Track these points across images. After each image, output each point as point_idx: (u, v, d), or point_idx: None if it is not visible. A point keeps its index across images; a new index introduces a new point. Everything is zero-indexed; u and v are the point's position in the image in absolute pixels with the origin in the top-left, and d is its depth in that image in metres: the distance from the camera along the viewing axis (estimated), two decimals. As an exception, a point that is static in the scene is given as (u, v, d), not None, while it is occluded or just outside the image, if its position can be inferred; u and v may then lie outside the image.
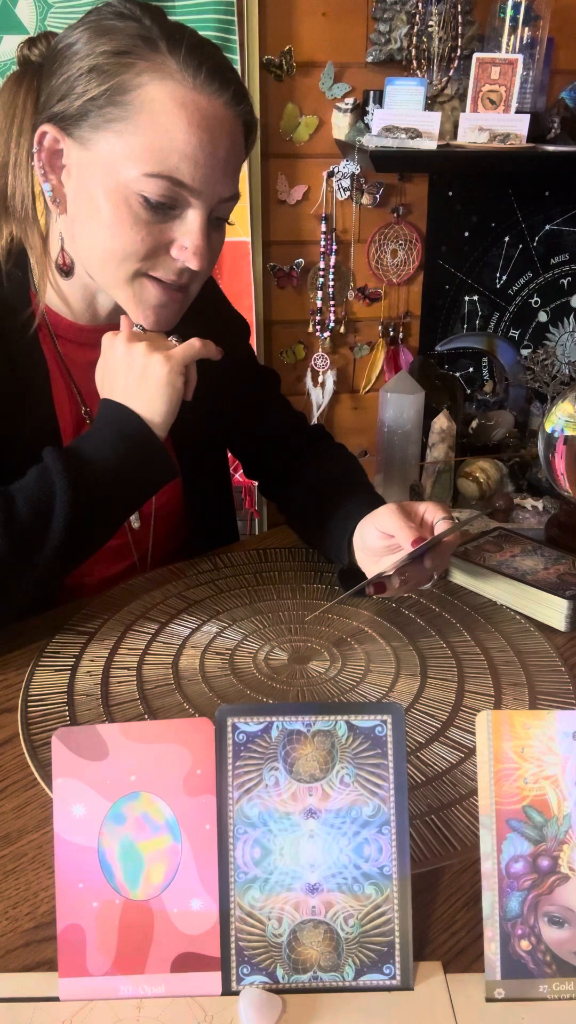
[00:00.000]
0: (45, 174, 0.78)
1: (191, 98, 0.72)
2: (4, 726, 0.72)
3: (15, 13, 1.49)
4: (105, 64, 0.72)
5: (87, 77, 0.72)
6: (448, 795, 0.65)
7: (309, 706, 0.51)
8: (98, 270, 0.81)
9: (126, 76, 0.71)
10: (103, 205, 0.75)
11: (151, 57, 0.72)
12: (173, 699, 0.75)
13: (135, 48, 0.72)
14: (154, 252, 0.77)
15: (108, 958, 0.49)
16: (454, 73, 1.64)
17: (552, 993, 0.49)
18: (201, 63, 0.72)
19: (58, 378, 0.88)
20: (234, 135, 0.76)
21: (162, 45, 0.72)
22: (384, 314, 1.88)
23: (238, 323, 1.10)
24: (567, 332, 1.94)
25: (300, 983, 0.50)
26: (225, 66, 0.75)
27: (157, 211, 0.75)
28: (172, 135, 0.72)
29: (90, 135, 0.74)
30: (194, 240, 0.76)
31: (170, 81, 0.72)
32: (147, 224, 0.75)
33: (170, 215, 0.76)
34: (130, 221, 0.75)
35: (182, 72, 0.72)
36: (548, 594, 0.87)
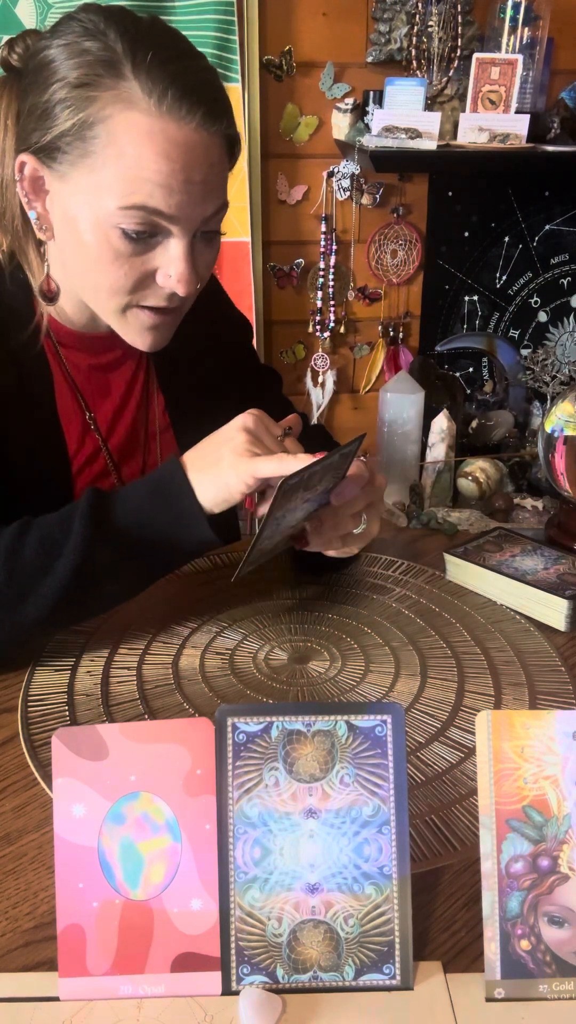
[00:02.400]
0: (29, 201, 0.76)
1: (158, 126, 0.69)
2: (4, 726, 0.72)
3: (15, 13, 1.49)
4: (70, 98, 0.69)
5: (57, 109, 0.70)
6: (448, 795, 0.65)
7: (309, 706, 0.51)
8: (90, 300, 0.80)
9: (91, 110, 0.69)
10: (87, 239, 0.73)
11: (114, 85, 0.68)
12: (173, 699, 0.75)
13: (97, 78, 0.68)
14: (141, 283, 0.76)
15: (108, 958, 0.49)
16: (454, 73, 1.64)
17: (552, 993, 0.49)
18: (167, 86, 0.68)
19: (62, 383, 0.88)
20: (210, 156, 0.72)
21: (126, 67, 0.68)
22: (384, 314, 1.88)
23: (240, 323, 1.09)
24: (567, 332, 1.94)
25: (300, 983, 0.50)
26: (198, 84, 0.71)
27: (138, 242, 0.73)
28: (141, 165, 0.69)
29: (66, 169, 0.72)
30: (178, 268, 0.74)
31: (134, 111, 0.68)
32: (129, 257, 0.73)
33: (152, 243, 0.74)
34: (111, 256, 0.73)
35: (147, 99, 0.68)
36: (548, 594, 0.87)
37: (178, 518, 0.73)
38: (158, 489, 0.75)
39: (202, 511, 0.73)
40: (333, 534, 0.78)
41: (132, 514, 0.74)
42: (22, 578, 0.72)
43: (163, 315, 0.79)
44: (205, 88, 0.71)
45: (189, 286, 0.75)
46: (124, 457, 0.94)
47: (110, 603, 0.80)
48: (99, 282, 0.76)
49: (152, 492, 0.75)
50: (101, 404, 0.91)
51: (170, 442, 0.98)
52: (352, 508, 0.77)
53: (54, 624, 0.79)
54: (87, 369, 0.89)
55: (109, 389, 0.92)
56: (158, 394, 0.96)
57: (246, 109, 1.61)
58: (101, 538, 0.72)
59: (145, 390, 0.95)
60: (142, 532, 0.74)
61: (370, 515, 0.80)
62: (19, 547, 0.72)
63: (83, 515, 0.72)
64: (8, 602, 0.72)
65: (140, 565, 0.77)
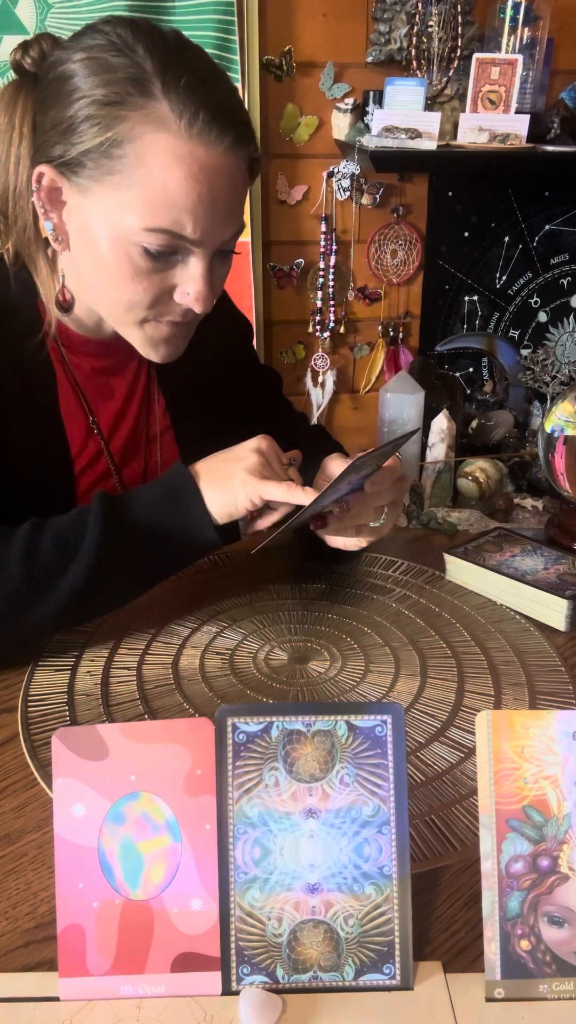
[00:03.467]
0: (46, 211, 0.75)
1: (187, 149, 0.68)
2: (4, 726, 0.72)
3: (15, 13, 1.49)
4: (98, 115, 0.68)
5: (83, 126, 0.69)
6: (448, 795, 0.65)
7: (309, 706, 0.51)
8: (105, 312, 0.80)
9: (120, 128, 0.68)
10: (106, 254, 0.73)
11: (144, 105, 0.68)
12: (173, 699, 0.75)
13: (127, 97, 0.68)
14: (158, 299, 0.76)
15: (108, 958, 0.49)
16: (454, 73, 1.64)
17: (552, 993, 0.49)
18: (199, 108, 0.68)
19: (66, 387, 0.88)
20: (235, 179, 0.73)
21: (156, 87, 0.67)
22: (384, 314, 1.88)
23: (240, 323, 1.09)
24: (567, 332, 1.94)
25: (300, 983, 0.50)
26: (227, 107, 0.70)
27: (158, 259, 0.73)
28: (169, 189, 0.69)
29: (89, 184, 0.71)
30: (196, 286, 0.75)
31: (165, 132, 0.68)
32: (148, 274, 0.74)
33: (171, 261, 0.74)
34: (131, 272, 0.73)
35: (177, 120, 0.68)
36: (548, 594, 0.87)
37: (188, 522, 0.76)
38: (170, 494, 0.77)
39: (211, 518, 0.76)
40: (353, 522, 0.80)
41: (145, 517, 0.76)
42: (39, 579, 0.73)
43: (178, 327, 0.80)
44: (234, 111, 0.71)
45: (206, 304, 0.76)
46: (125, 459, 0.94)
47: (117, 603, 0.82)
48: (116, 297, 0.76)
49: (164, 496, 0.77)
50: (103, 406, 0.91)
51: (170, 443, 0.98)
52: (380, 500, 0.79)
53: (63, 624, 0.80)
54: (90, 371, 0.89)
55: (111, 391, 0.92)
56: (159, 396, 0.96)
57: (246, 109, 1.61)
58: (115, 540, 0.74)
59: (146, 392, 0.95)
60: (154, 534, 0.76)
61: (391, 511, 0.82)
62: (34, 549, 0.73)
63: (97, 517, 0.74)
64: (23, 602, 0.73)
65: (149, 566, 0.79)
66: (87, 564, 0.73)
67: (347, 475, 0.70)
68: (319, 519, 0.79)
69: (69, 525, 0.74)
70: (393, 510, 0.82)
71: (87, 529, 0.73)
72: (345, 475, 0.70)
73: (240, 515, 0.77)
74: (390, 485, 0.79)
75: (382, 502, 0.80)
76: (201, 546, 0.78)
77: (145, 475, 0.96)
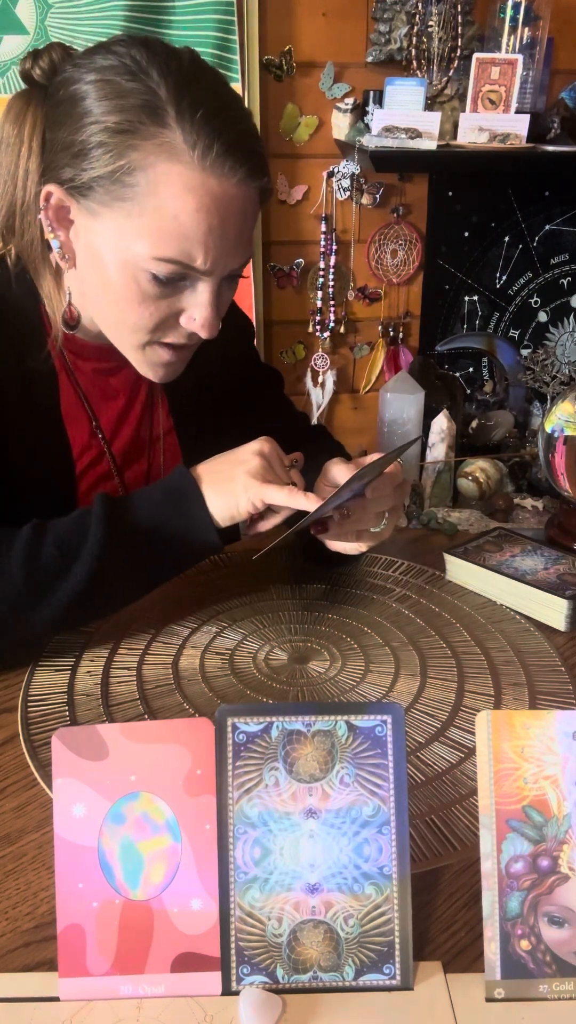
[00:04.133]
0: (53, 229, 0.75)
1: (199, 180, 0.68)
2: (4, 726, 0.72)
3: (15, 13, 1.49)
4: (111, 142, 0.68)
5: (95, 152, 0.68)
6: (448, 795, 0.65)
7: (309, 706, 0.51)
8: (109, 333, 0.80)
9: (133, 157, 0.67)
10: (113, 277, 0.73)
11: (157, 134, 0.67)
12: (173, 699, 0.75)
13: (139, 126, 0.67)
14: (163, 323, 0.76)
15: (108, 958, 0.49)
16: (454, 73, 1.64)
17: (552, 993, 0.49)
18: (213, 140, 0.67)
19: (67, 386, 0.88)
20: (246, 210, 0.72)
21: (170, 115, 0.67)
22: (384, 314, 1.88)
23: (242, 323, 1.10)
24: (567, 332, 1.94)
25: (300, 983, 0.50)
26: (242, 139, 0.70)
27: (167, 285, 0.73)
28: (180, 220, 0.69)
29: (98, 208, 0.71)
30: (203, 313, 0.75)
31: (177, 163, 0.67)
32: (156, 299, 0.74)
33: (179, 287, 0.74)
34: (138, 297, 0.73)
35: (191, 151, 0.67)
36: (548, 594, 0.87)
37: (189, 525, 0.76)
38: (171, 497, 0.77)
39: (212, 521, 0.76)
40: (354, 527, 0.80)
41: (146, 519, 0.76)
42: (40, 581, 0.73)
43: (180, 352, 0.80)
44: (248, 142, 0.71)
45: (212, 331, 0.76)
46: (127, 460, 0.94)
47: (118, 605, 0.82)
48: (121, 319, 0.76)
49: (166, 499, 0.77)
50: (105, 408, 0.91)
51: (173, 445, 0.98)
52: (381, 506, 0.79)
53: (65, 625, 0.80)
54: (92, 373, 0.89)
55: (114, 393, 0.92)
56: (162, 397, 0.96)
57: (246, 109, 1.61)
58: (117, 542, 0.74)
59: (149, 393, 0.95)
60: (155, 537, 0.76)
61: (391, 516, 0.82)
62: (36, 551, 0.73)
63: (99, 519, 0.74)
64: (25, 604, 0.73)
65: (150, 568, 0.79)
66: (88, 566, 0.73)
67: (351, 483, 0.70)
68: (319, 524, 0.79)
69: (71, 527, 0.74)
70: (393, 515, 0.82)
71: (88, 531, 0.73)
72: (349, 483, 0.70)
73: (242, 518, 0.77)
74: (391, 491, 0.79)
75: (383, 508, 0.80)
76: (202, 549, 0.78)
77: (148, 477, 0.96)
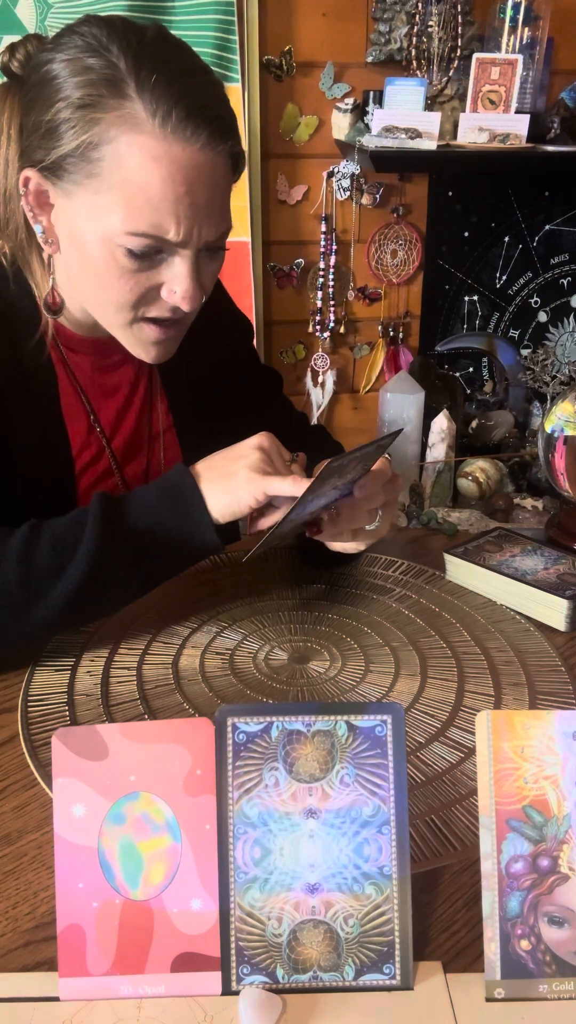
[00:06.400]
0: (34, 215, 0.76)
1: (163, 149, 0.68)
2: (4, 726, 0.72)
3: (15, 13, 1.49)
4: (74, 118, 0.68)
5: (61, 128, 0.69)
6: (448, 795, 0.65)
7: (309, 706, 0.51)
8: (96, 313, 0.80)
9: (96, 131, 0.68)
10: (93, 255, 0.73)
11: (117, 106, 0.67)
12: (173, 699, 0.75)
13: (99, 99, 0.67)
14: (145, 298, 0.76)
15: (108, 958, 0.49)
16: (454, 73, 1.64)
17: (552, 993, 0.49)
18: (172, 105, 0.67)
19: (66, 384, 0.88)
20: (215, 176, 0.72)
21: (129, 86, 0.67)
22: (384, 314, 1.88)
23: (241, 323, 1.10)
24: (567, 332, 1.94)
25: (300, 983, 0.50)
26: (204, 101, 0.69)
27: (143, 259, 0.73)
28: (148, 193, 0.69)
29: (71, 188, 0.71)
30: (183, 285, 0.75)
31: (139, 134, 0.67)
32: (134, 273, 0.74)
33: (157, 260, 0.74)
34: (117, 272, 0.73)
35: (151, 120, 0.67)
36: (548, 594, 0.87)
37: (188, 525, 0.75)
38: (169, 495, 0.76)
39: (211, 519, 0.75)
40: (347, 526, 0.79)
41: (143, 519, 0.75)
42: (34, 581, 0.72)
43: (168, 328, 0.80)
44: (210, 106, 0.70)
45: (193, 302, 0.76)
46: (127, 457, 0.94)
47: (116, 606, 0.82)
48: (105, 297, 0.76)
49: (163, 498, 0.76)
50: (105, 404, 0.91)
51: (172, 442, 0.98)
52: (371, 503, 0.79)
53: (61, 627, 0.80)
54: (91, 370, 0.89)
55: (113, 390, 0.92)
56: (161, 394, 0.96)
57: (246, 109, 1.61)
58: (113, 542, 0.73)
59: (148, 390, 0.95)
60: (152, 537, 0.75)
61: (385, 513, 0.81)
62: (31, 551, 0.73)
63: (95, 519, 0.73)
64: (20, 605, 0.72)
65: (148, 569, 0.78)
66: (84, 566, 0.72)
67: (327, 479, 0.69)
68: (314, 526, 0.78)
69: (67, 526, 0.74)
70: (388, 512, 0.82)
71: (84, 530, 0.73)
72: (324, 479, 0.68)
73: (244, 513, 0.76)
74: (380, 488, 0.78)
75: (373, 505, 0.79)
76: (201, 548, 0.78)
77: (147, 474, 0.96)
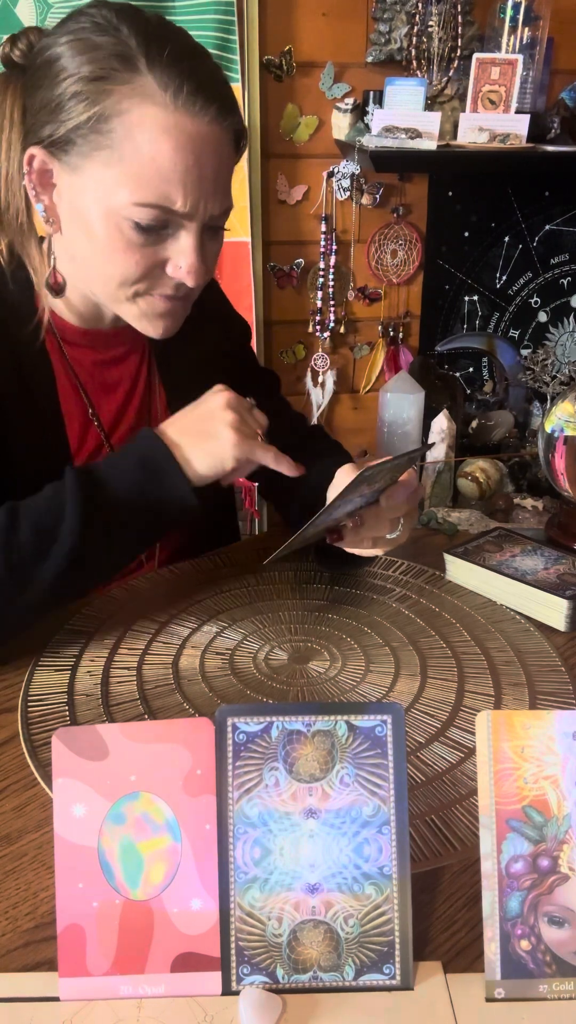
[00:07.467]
0: (37, 194, 0.77)
1: (173, 120, 0.70)
2: (4, 726, 0.72)
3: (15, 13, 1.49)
4: (85, 91, 0.70)
5: (71, 103, 0.70)
6: (448, 795, 0.65)
7: (309, 706, 0.51)
8: (99, 290, 0.81)
9: (107, 103, 0.69)
10: (98, 230, 0.74)
11: (129, 79, 0.69)
12: (173, 699, 0.75)
13: (112, 72, 0.69)
14: (150, 272, 0.77)
15: (108, 958, 0.49)
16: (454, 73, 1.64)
17: (552, 993, 0.49)
18: (183, 80, 0.70)
19: (64, 381, 0.88)
20: (221, 150, 0.74)
21: (140, 62, 0.69)
22: (384, 314, 1.88)
23: (239, 324, 1.10)
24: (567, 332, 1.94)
25: (300, 983, 0.50)
26: (210, 79, 0.72)
27: (149, 233, 0.74)
28: (158, 163, 0.70)
29: (79, 162, 0.72)
30: (188, 259, 0.76)
31: (151, 105, 0.69)
32: (140, 247, 0.75)
33: (163, 235, 0.75)
34: (123, 246, 0.74)
35: (162, 92, 0.69)
36: (548, 594, 0.87)
37: (166, 491, 0.77)
38: (143, 463, 0.77)
39: (187, 482, 0.76)
40: (369, 534, 0.80)
41: (121, 492, 0.76)
42: (19, 566, 0.73)
43: (173, 302, 0.80)
44: (217, 83, 0.73)
45: (198, 277, 0.77)
46: None
47: (106, 576, 0.83)
48: (110, 272, 0.77)
49: (138, 467, 0.77)
50: (105, 399, 0.92)
51: None
52: (394, 512, 0.79)
53: (54, 604, 0.80)
54: (91, 365, 0.90)
55: (113, 384, 0.92)
56: (160, 390, 0.96)
57: (246, 109, 1.61)
58: (93, 519, 0.74)
59: (148, 386, 0.95)
60: (131, 507, 0.76)
61: (406, 522, 0.82)
62: (12, 537, 0.73)
63: (74, 499, 0.73)
64: (9, 591, 0.73)
65: (130, 538, 0.79)
66: (68, 547, 0.73)
67: (357, 487, 0.70)
68: (335, 532, 0.79)
69: (46, 508, 0.74)
70: (408, 520, 0.82)
71: (65, 511, 0.73)
72: (355, 487, 0.69)
73: (225, 473, 0.78)
74: (405, 498, 0.79)
75: (397, 515, 0.80)
76: (181, 512, 0.78)
77: None
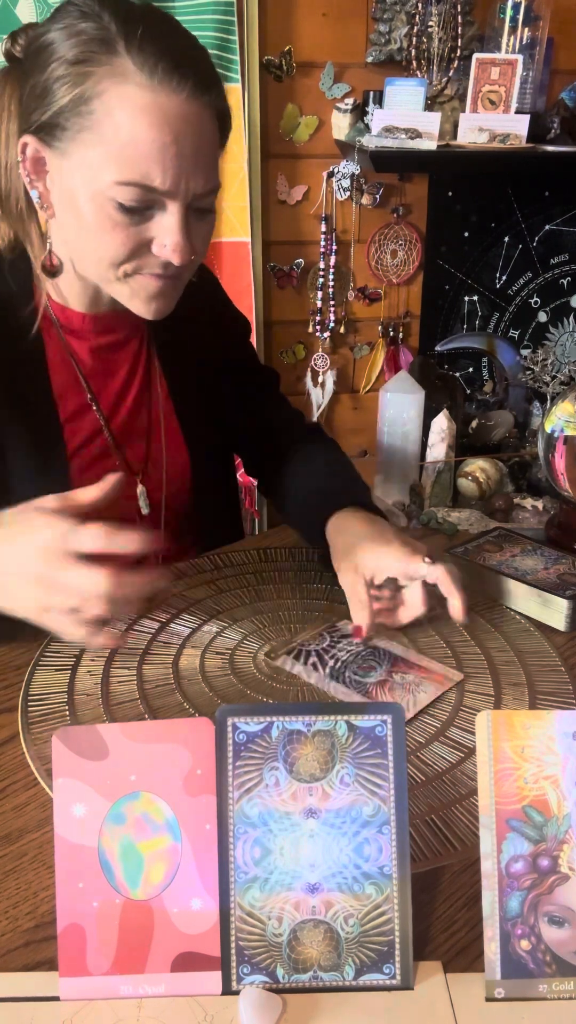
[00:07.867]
0: (31, 181, 0.79)
1: (151, 99, 0.71)
2: (4, 726, 0.72)
3: (15, 13, 1.49)
4: (67, 75, 0.72)
5: (55, 86, 0.72)
6: (448, 795, 0.65)
7: (309, 706, 0.51)
8: (91, 271, 0.82)
9: (87, 85, 0.71)
10: (85, 212, 0.76)
11: (108, 61, 0.71)
12: (173, 699, 0.75)
13: (92, 55, 0.71)
14: (137, 252, 0.78)
15: (108, 958, 0.49)
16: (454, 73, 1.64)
17: (552, 993, 0.49)
18: (158, 59, 0.71)
19: (60, 367, 0.89)
20: (201, 127, 0.75)
21: (119, 44, 0.71)
22: (384, 314, 1.88)
23: (239, 322, 1.10)
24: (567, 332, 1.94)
25: (300, 983, 0.50)
26: (186, 57, 0.74)
27: (133, 214, 0.75)
28: (137, 141, 0.72)
29: (66, 145, 0.74)
30: (172, 238, 0.77)
31: (128, 85, 0.71)
32: (126, 227, 0.76)
33: (147, 215, 0.76)
34: (109, 226, 0.76)
35: (139, 72, 0.71)
36: (548, 594, 0.87)
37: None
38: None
39: None
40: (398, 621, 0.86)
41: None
42: None
43: (164, 280, 0.81)
44: (194, 60, 0.74)
45: (183, 255, 0.78)
46: (126, 438, 0.95)
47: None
48: (99, 253, 0.78)
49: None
50: (104, 384, 0.93)
51: (174, 428, 0.98)
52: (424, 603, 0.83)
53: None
54: (90, 350, 0.91)
55: (112, 369, 0.93)
56: (161, 378, 0.97)
57: (246, 109, 1.61)
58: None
59: (147, 372, 0.96)
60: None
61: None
62: None
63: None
64: None
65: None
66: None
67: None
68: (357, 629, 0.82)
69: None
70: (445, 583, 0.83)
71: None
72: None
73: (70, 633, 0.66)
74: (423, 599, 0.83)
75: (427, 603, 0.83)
76: None
77: (148, 458, 0.97)
